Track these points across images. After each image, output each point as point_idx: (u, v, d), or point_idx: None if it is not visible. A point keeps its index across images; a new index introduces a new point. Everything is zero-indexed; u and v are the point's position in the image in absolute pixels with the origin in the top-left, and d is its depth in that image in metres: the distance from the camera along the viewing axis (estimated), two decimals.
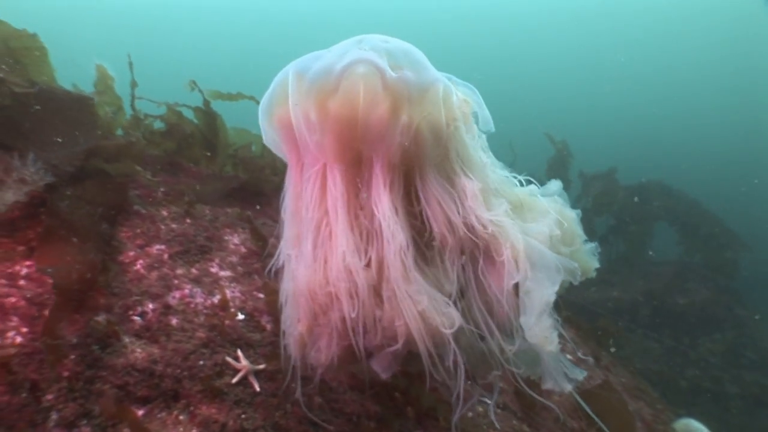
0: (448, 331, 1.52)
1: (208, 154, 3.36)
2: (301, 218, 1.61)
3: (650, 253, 8.25)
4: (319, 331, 1.63)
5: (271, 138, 1.71)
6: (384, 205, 1.51)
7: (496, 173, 1.88)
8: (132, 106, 3.41)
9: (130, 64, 3.43)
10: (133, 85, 3.29)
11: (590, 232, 7.61)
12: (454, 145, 1.63)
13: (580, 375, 1.64)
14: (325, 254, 1.55)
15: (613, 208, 8.76)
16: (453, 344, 1.55)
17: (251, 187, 3.30)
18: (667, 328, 7.32)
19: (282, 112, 1.57)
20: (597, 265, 1.98)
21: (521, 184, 1.96)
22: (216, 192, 3.08)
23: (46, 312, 1.85)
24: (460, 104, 1.66)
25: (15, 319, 1.79)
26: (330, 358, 1.65)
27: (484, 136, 1.87)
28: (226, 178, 3.38)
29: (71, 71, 3.39)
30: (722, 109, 31.40)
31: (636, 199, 8.38)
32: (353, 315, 1.51)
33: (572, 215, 1.99)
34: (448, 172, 1.65)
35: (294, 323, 1.67)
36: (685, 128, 29.33)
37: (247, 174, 3.53)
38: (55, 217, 2.11)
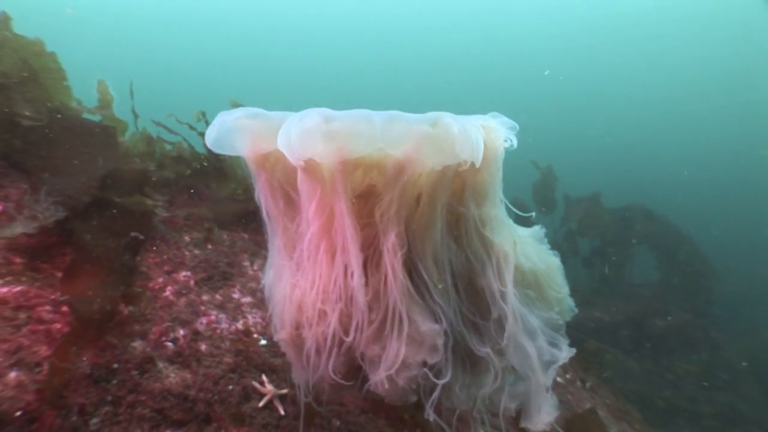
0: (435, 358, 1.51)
1: (215, 183, 3.48)
2: (285, 229, 1.58)
3: (627, 279, 8.55)
4: (300, 342, 1.61)
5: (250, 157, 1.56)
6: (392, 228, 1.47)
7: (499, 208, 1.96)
8: (135, 124, 3.52)
9: (131, 90, 3.53)
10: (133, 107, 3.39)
11: (574, 253, 7.82)
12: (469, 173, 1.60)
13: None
14: (320, 271, 1.51)
15: (597, 230, 9.06)
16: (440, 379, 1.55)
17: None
18: (646, 349, 7.60)
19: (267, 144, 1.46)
20: (574, 310, 2.01)
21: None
22: (232, 215, 3.20)
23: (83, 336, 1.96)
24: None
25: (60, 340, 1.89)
26: (330, 374, 1.60)
27: None
28: (239, 201, 3.50)
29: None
30: (721, 124, 31.62)
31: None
32: (349, 339, 1.51)
33: (557, 262, 1.95)
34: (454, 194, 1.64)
35: (278, 330, 1.67)
36: (679, 144, 29.63)
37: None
38: (80, 250, 2.21)
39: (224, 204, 3.38)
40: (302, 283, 1.55)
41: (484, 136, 1.48)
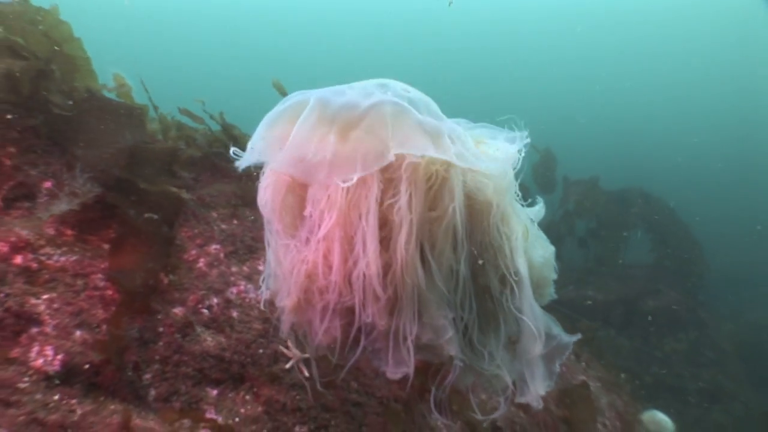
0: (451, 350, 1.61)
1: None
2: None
3: (620, 261, 8.82)
4: (308, 308, 1.63)
5: (263, 145, 1.63)
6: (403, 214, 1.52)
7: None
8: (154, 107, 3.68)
9: (142, 83, 3.66)
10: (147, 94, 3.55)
11: (570, 234, 8.08)
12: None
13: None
14: (327, 246, 1.53)
15: (594, 212, 9.29)
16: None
17: None
18: (637, 327, 7.93)
19: (282, 131, 1.56)
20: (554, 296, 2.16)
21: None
22: (253, 192, 3.39)
23: (126, 306, 2.18)
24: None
25: (113, 309, 2.11)
26: (332, 340, 1.66)
27: None
28: (256, 178, 3.68)
29: None
30: (718, 113, 31.70)
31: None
32: (368, 319, 1.53)
33: (552, 249, 2.01)
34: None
35: (283, 297, 1.67)
36: (678, 132, 29.72)
37: None
38: (124, 224, 2.40)
39: (244, 181, 3.57)
40: (311, 257, 1.55)
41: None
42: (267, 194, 1.71)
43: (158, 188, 2.70)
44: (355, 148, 1.45)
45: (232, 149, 1.65)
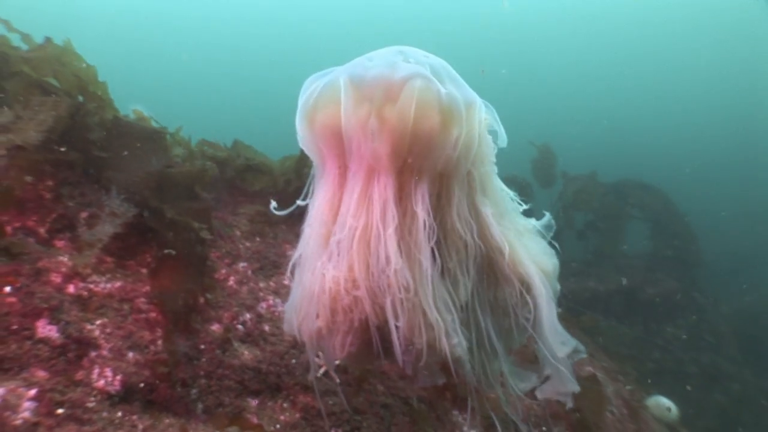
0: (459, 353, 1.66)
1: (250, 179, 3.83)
2: (328, 220, 1.65)
3: (624, 246, 9.05)
4: (336, 327, 1.66)
5: (311, 142, 1.66)
6: (421, 216, 1.57)
7: (507, 194, 1.98)
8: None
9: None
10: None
11: (570, 227, 8.35)
12: (479, 162, 1.71)
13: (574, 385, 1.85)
14: (353, 258, 1.58)
15: (591, 204, 9.50)
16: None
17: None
18: (637, 315, 8.15)
19: (326, 118, 1.56)
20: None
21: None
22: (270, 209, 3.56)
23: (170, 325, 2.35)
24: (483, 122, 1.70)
25: (159, 330, 2.28)
26: (346, 353, 1.72)
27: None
28: (273, 194, 3.85)
29: None
30: (719, 111, 31.91)
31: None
32: (399, 325, 1.58)
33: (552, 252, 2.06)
34: (469, 187, 1.71)
35: (312, 318, 1.68)
36: (678, 129, 29.90)
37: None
38: (163, 247, 2.57)
39: (261, 197, 3.74)
40: (336, 272, 1.59)
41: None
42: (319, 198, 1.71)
43: (181, 221, 2.86)
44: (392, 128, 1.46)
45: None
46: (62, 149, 2.56)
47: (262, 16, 38.79)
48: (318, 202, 1.69)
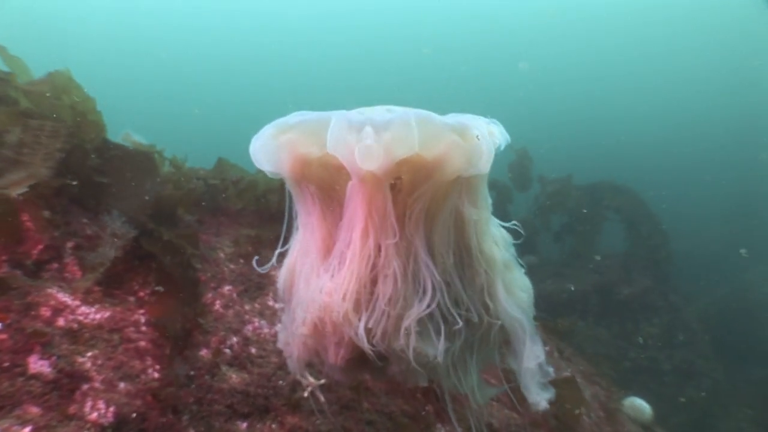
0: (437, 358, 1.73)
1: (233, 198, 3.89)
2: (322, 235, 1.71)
3: (596, 257, 9.31)
4: (321, 336, 1.73)
5: (274, 153, 1.68)
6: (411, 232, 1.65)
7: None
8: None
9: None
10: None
11: (546, 229, 8.57)
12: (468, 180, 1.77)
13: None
14: (351, 274, 1.62)
15: (567, 206, 9.74)
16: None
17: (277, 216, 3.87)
18: (614, 315, 8.40)
19: (303, 138, 1.60)
20: None
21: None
22: (253, 228, 3.63)
23: (167, 351, 2.41)
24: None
25: (149, 359, 2.34)
26: (338, 363, 1.79)
27: None
28: (254, 213, 3.91)
29: None
30: (689, 112, 32.56)
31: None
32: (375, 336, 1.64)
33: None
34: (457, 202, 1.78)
35: (299, 324, 1.75)
36: (651, 130, 30.41)
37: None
38: (161, 272, 2.63)
39: (244, 217, 3.80)
40: (331, 286, 1.63)
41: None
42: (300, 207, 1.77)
43: (178, 241, 2.92)
44: (390, 140, 1.49)
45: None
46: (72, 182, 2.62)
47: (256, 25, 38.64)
48: (304, 220, 1.76)
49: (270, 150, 1.65)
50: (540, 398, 1.97)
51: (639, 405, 4.63)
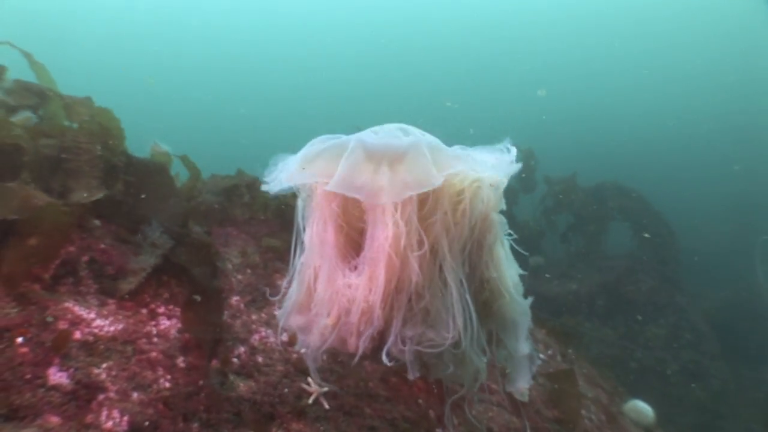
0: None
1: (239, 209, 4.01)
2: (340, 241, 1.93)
3: (599, 254, 9.33)
4: (344, 326, 1.89)
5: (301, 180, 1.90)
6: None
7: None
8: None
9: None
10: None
11: (553, 229, 8.63)
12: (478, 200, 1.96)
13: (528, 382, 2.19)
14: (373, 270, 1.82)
15: (572, 207, 9.77)
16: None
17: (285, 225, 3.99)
18: (620, 315, 8.43)
19: (325, 167, 1.82)
20: None
21: None
22: (260, 237, 3.74)
23: (178, 361, 2.53)
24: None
25: (160, 369, 2.46)
26: (359, 350, 1.91)
27: None
28: (262, 222, 4.03)
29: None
30: (693, 111, 32.29)
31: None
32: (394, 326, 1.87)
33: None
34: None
35: (324, 316, 1.92)
36: (654, 129, 30.21)
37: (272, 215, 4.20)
38: (192, 283, 2.76)
39: (251, 226, 3.91)
40: (357, 283, 1.85)
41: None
42: (315, 228, 1.95)
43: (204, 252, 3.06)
44: (406, 175, 1.70)
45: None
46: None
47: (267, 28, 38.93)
48: (316, 230, 1.94)
49: (297, 180, 1.88)
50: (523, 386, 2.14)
51: (641, 408, 4.69)
